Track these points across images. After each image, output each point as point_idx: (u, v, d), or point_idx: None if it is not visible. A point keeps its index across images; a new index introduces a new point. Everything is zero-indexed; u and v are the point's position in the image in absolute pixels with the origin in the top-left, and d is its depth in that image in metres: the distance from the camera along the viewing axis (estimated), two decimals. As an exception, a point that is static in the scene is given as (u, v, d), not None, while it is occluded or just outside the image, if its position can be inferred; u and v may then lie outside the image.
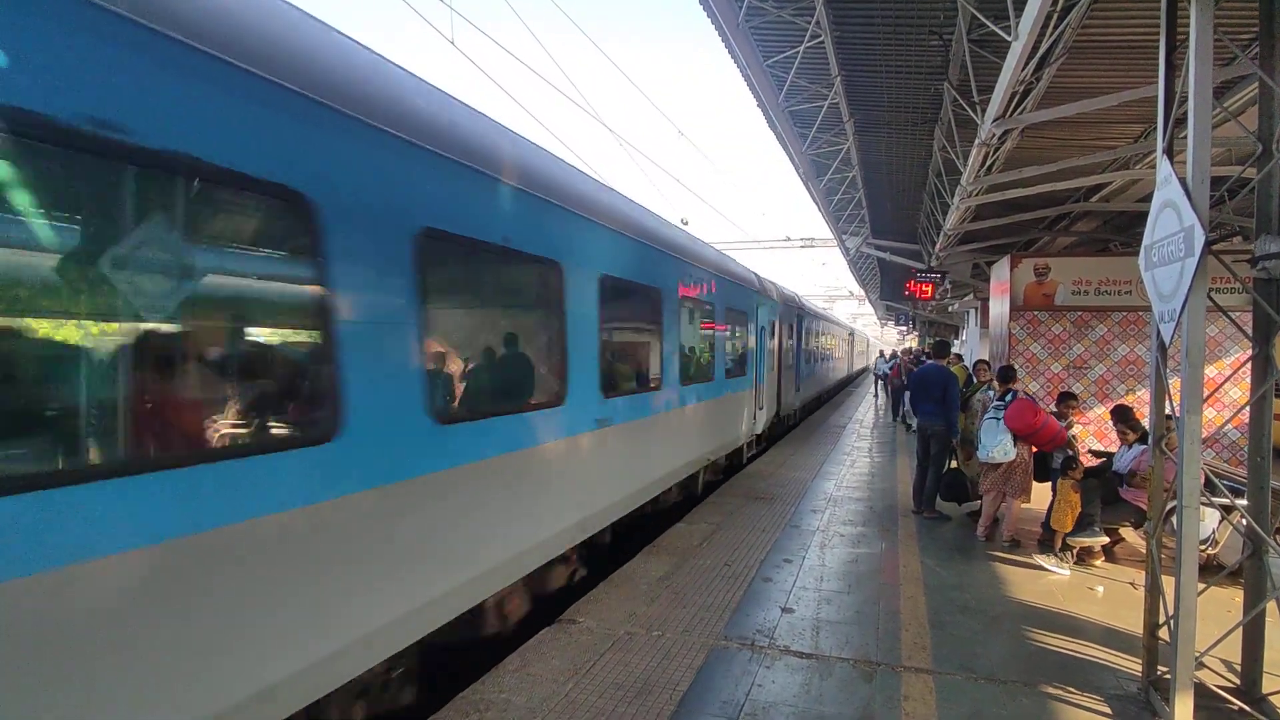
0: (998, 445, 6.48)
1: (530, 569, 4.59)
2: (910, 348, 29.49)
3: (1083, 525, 5.90)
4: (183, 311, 2.47)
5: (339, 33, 3.39)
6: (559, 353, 4.92)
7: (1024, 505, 6.81)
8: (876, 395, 23.88)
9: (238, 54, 2.57)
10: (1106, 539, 6.10)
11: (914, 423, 9.02)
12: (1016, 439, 6.46)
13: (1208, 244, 3.28)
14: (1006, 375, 7.22)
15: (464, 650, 4.30)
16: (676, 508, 8.06)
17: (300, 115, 2.84)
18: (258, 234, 2.91)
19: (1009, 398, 6.72)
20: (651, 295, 6.78)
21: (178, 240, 2.45)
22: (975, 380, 8.29)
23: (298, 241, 2.87)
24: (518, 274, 4.64)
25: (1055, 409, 7.03)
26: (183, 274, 2.45)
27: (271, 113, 2.70)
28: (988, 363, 8.45)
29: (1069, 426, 6.77)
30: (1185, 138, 3.54)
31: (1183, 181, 3.46)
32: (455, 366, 4.01)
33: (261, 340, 3.02)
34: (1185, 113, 3.54)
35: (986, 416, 6.79)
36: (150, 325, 2.38)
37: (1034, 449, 6.63)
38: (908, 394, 12.08)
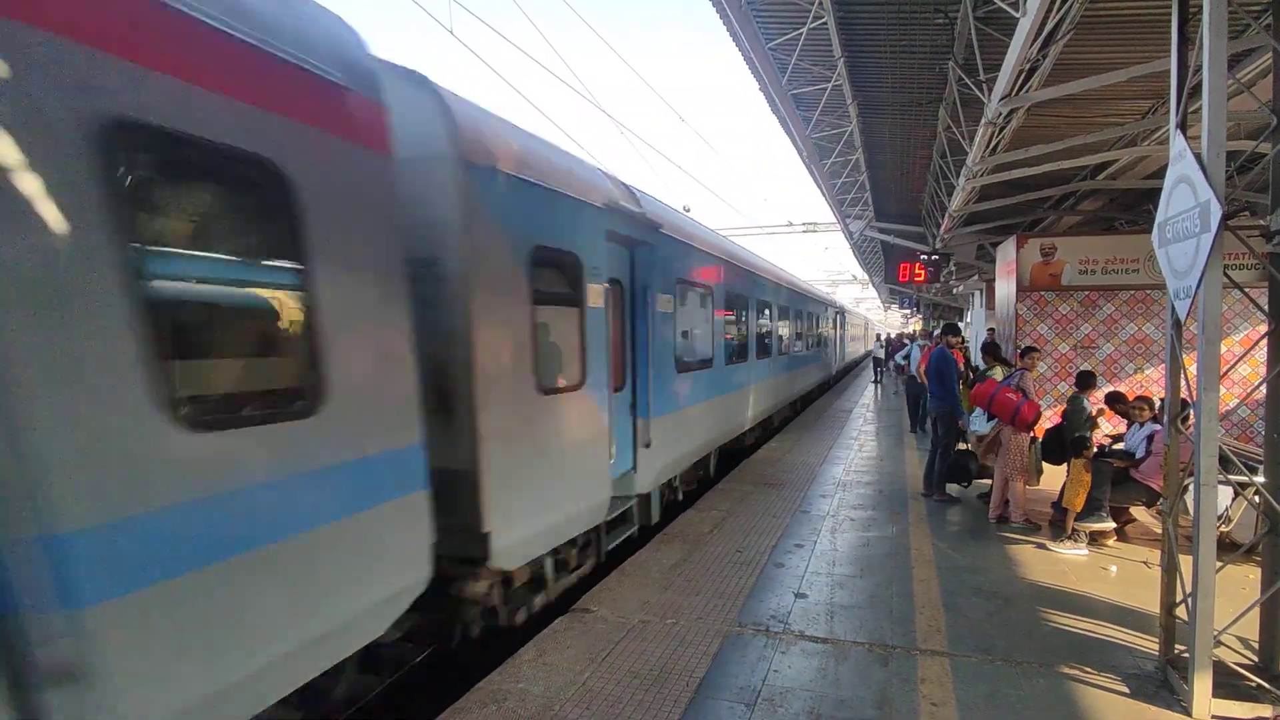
0: (976, 415, 7.42)
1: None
2: (910, 332, 29.54)
3: (1090, 510, 5.89)
4: None
5: None
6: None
7: (1035, 487, 6.81)
8: (876, 381, 24.01)
9: None
10: (1113, 524, 6.07)
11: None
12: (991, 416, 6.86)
13: (1224, 219, 3.24)
14: (989, 349, 8.07)
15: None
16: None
17: None
18: None
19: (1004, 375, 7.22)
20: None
21: None
22: (983, 366, 8.27)
23: None
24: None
25: (1075, 389, 7.14)
26: None
27: None
28: (998, 345, 8.42)
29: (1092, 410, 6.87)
30: (1197, 112, 3.48)
31: (1197, 156, 3.41)
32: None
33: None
34: (1197, 86, 3.48)
35: None
36: None
37: (1037, 431, 6.72)
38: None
